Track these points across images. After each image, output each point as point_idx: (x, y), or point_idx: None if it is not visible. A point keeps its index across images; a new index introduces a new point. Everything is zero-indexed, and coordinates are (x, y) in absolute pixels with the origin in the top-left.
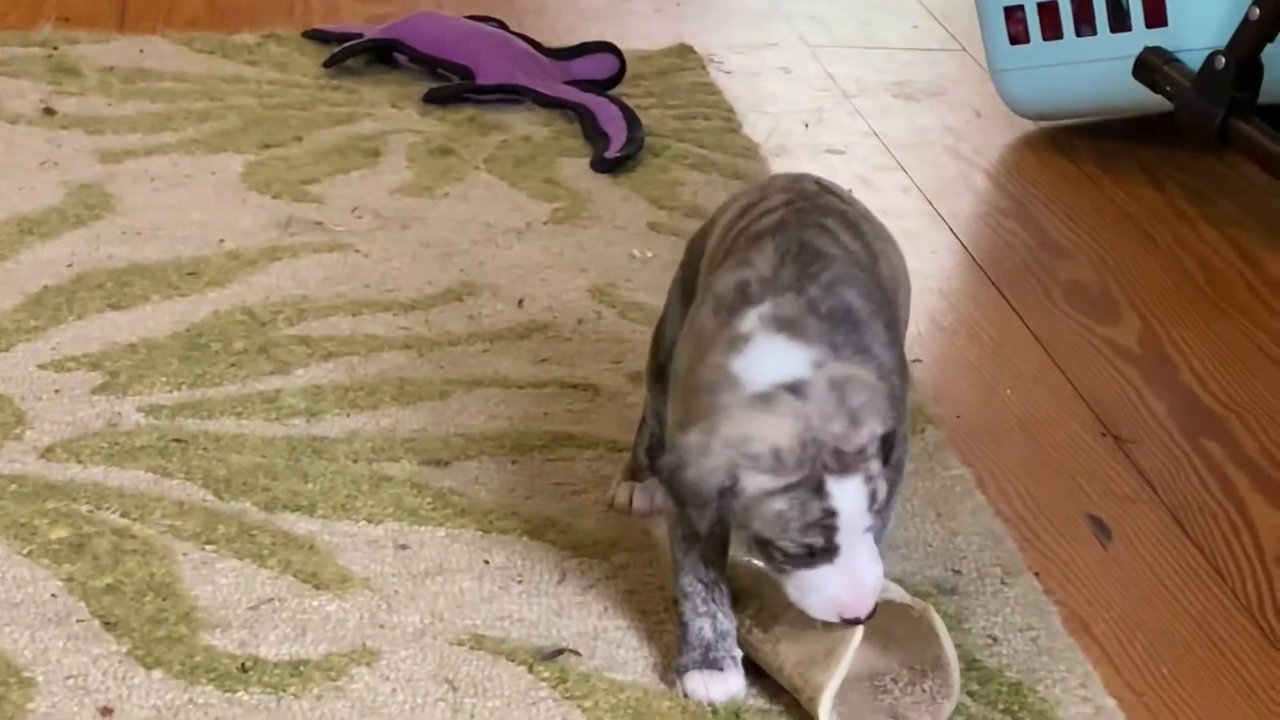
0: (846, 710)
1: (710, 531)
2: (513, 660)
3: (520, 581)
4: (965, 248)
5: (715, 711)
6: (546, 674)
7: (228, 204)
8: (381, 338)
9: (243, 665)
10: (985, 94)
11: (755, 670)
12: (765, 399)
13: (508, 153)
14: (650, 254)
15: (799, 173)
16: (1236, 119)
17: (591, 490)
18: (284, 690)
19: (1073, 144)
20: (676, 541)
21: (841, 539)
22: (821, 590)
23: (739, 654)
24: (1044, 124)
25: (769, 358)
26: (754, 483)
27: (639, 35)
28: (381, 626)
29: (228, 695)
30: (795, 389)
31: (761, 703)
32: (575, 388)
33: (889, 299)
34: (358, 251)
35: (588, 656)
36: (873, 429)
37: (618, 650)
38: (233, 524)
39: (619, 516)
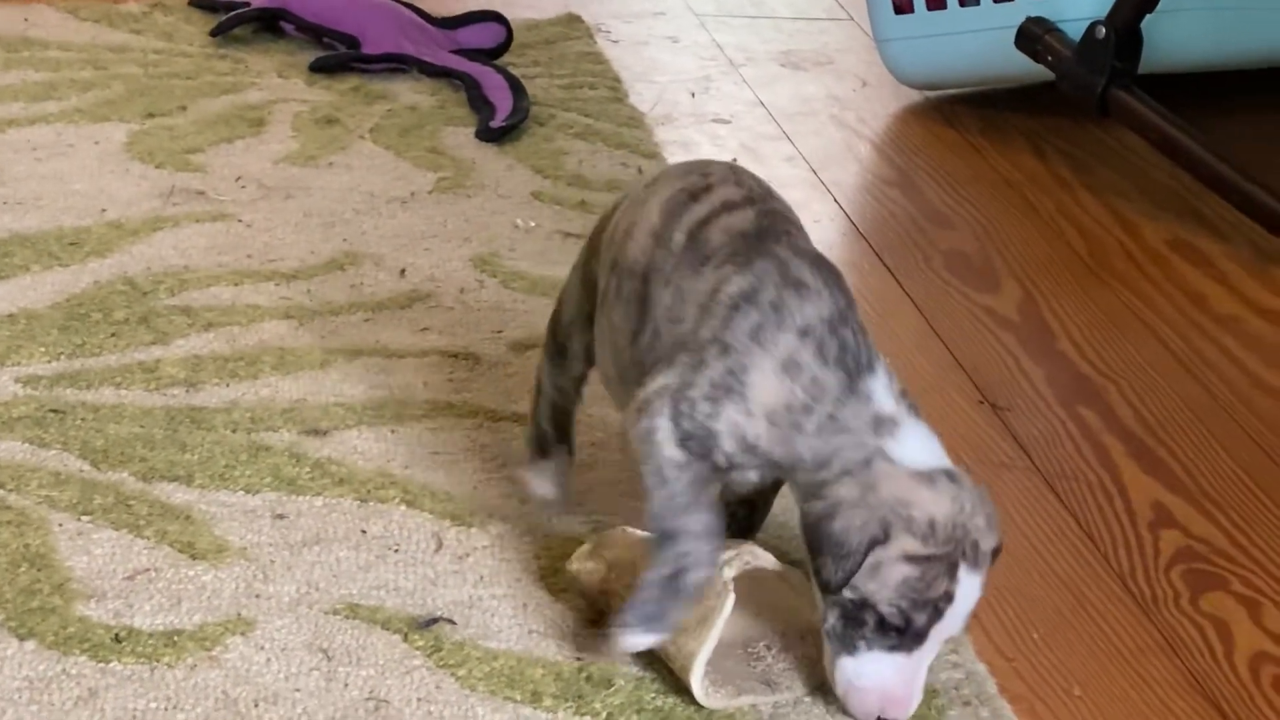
0: (719, 677)
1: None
2: (387, 629)
3: (397, 551)
4: (848, 217)
5: (589, 678)
6: (421, 643)
7: (111, 174)
8: (263, 307)
9: (117, 635)
10: (871, 64)
11: None
12: (928, 477)
13: (393, 122)
14: (534, 223)
15: (721, 161)
16: (1117, 89)
17: (470, 459)
18: (158, 660)
19: (957, 113)
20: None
21: (936, 631)
22: (878, 675)
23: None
24: (930, 94)
25: (920, 445)
26: (902, 544)
27: (527, 4)
28: (257, 596)
29: (101, 665)
30: (951, 476)
31: (635, 669)
32: (456, 357)
33: None
34: (240, 221)
35: (462, 625)
36: (996, 540)
37: (492, 619)
38: (110, 494)
39: (496, 485)
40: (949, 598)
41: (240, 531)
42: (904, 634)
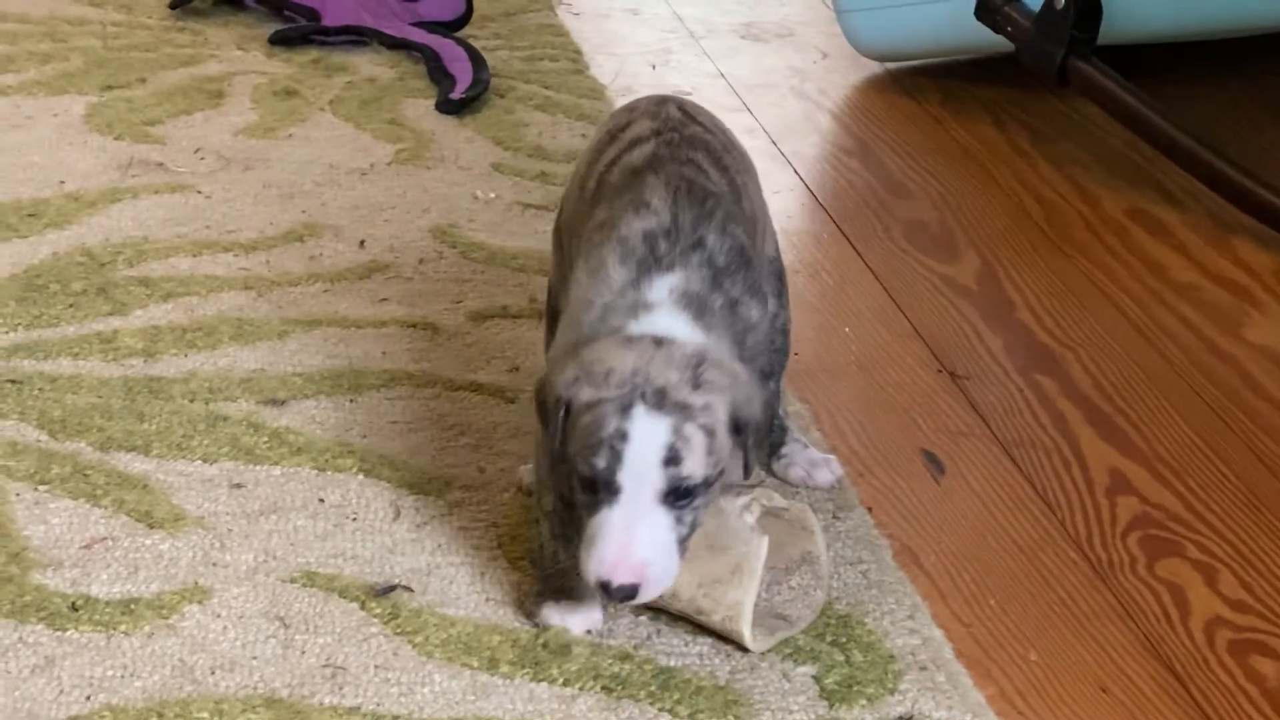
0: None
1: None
2: (345, 597)
3: (354, 519)
4: (808, 188)
5: (545, 645)
6: (378, 610)
7: (69, 146)
8: (221, 278)
9: (73, 604)
10: (832, 35)
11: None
12: (631, 341)
13: (353, 94)
14: (493, 194)
15: (662, 95)
16: (1076, 59)
17: (428, 428)
18: (114, 628)
19: (918, 84)
20: (543, 464)
21: (625, 477)
22: (591, 542)
23: None
24: (889, 65)
25: (663, 326)
26: (582, 394)
27: None
28: (214, 565)
29: (57, 634)
30: (659, 342)
31: (592, 636)
32: (414, 327)
33: (754, 237)
34: (199, 193)
35: (420, 592)
36: (710, 402)
37: (450, 586)
38: (67, 464)
39: (454, 453)
40: (622, 435)
41: (197, 500)
42: (595, 487)
